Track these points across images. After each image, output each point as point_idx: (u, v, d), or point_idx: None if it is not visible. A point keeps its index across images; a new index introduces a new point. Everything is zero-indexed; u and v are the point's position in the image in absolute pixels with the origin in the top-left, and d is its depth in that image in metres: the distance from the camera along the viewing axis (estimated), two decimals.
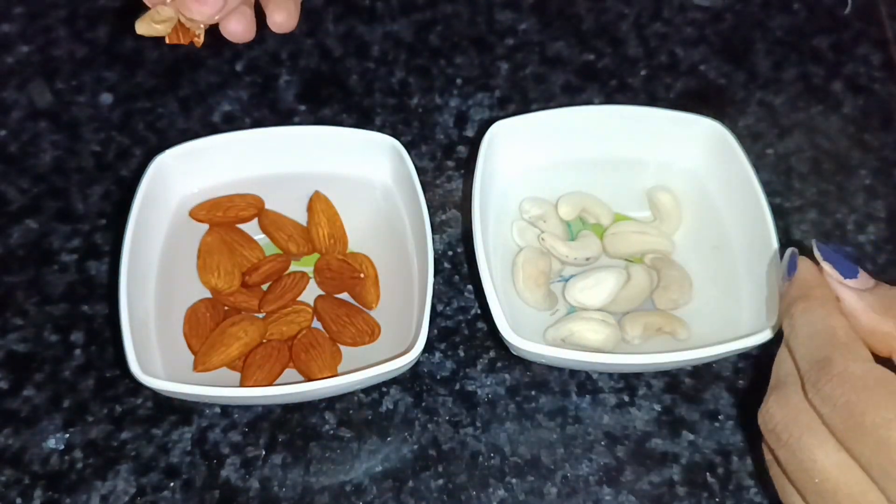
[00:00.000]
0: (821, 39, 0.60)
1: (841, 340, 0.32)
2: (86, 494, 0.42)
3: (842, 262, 0.35)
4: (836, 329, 0.32)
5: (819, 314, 0.33)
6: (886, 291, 0.34)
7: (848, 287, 0.34)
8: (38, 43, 0.58)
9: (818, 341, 0.32)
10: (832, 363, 0.31)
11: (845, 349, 0.31)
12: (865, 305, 0.33)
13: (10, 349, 0.46)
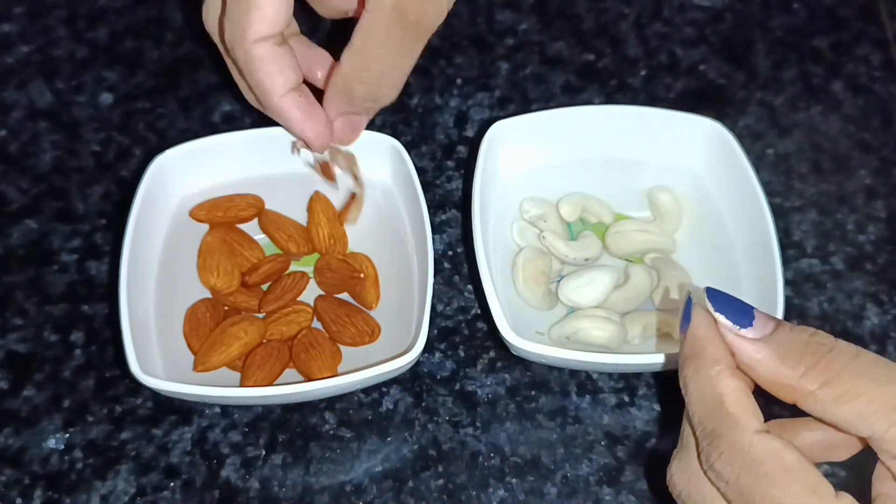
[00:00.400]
0: (821, 39, 0.60)
1: (728, 410, 0.30)
2: (86, 494, 0.42)
3: (735, 310, 0.31)
4: (723, 397, 0.30)
5: (707, 379, 0.31)
6: (786, 335, 0.31)
7: (744, 338, 0.31)
8: (38, 43, 0.58)
9: (707, 410, 0.30)
10: (720, 437, 0.29)
11: (732, 421, 0.29)
12: (764, 356, 0.30)
13: (10, 349, 0.46)
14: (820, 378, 0.29)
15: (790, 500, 0.28)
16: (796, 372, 0.29)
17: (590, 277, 0.47)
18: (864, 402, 0.28)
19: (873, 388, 0.28)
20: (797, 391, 0.30)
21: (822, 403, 0.29)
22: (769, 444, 0.28)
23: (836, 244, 0.51)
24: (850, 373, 0.28)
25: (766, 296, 0.44)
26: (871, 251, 0.51)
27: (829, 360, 0.29)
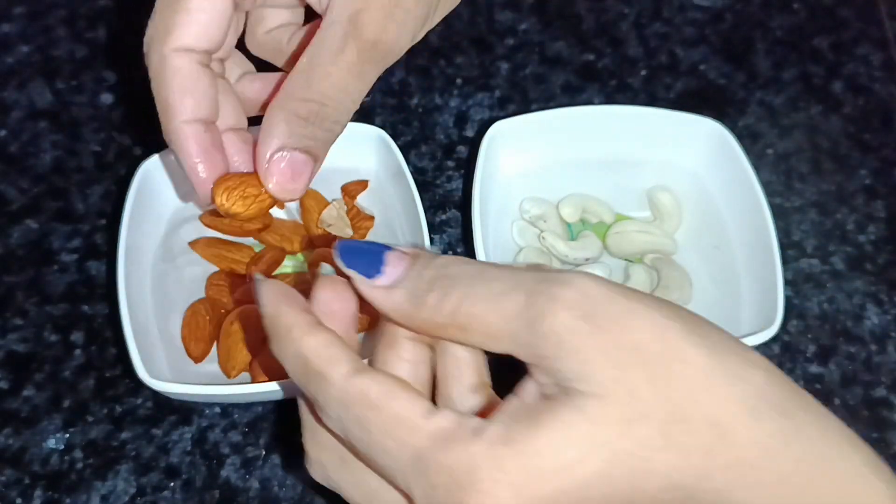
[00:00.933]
0: (821, 39, 0.60)
1: (314, 371, 0.28)
2: (86, 494, 0.42)
3: (365, 261, 0.29)
4: (306, 360, 0.28)
5: (289, 349, 0.28)
6: (413, 276, 0.29)
7: (376, 288, 0.29)
8: (38, 43, 0.58)
9: (301, 378, 0.28)
10: (318, 401, 0.28)
11: (319, 379, 0.28)
12: (393, 303, 0.29)
13: (10, 349, 0.46)
14: (446, 310, 0.27)
15: (375, 438, 0.27)
16: (424, 311, 0.28)
17: None
18: (484, 325, 0.27)
19: (489, 307, 0.27)
20: (429, 328, 0.28)
21: (453, 335, 0.28)
22: (356, 387, 0.27)
23: (836, 244, 0.51)
24: (469, 298, 0.27)
25: (766, 296, 0.44)
26: (871, 251, 0.51)
27: (450, 289, 0.27)
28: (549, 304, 0.26)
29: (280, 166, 0.35)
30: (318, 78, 0.35)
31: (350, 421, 0.27)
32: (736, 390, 0.26)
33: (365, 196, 0.49)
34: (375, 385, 0.27)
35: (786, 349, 0.47)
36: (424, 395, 0.28)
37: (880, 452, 0.44)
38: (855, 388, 0.46)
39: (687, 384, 0.25)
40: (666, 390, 0.25)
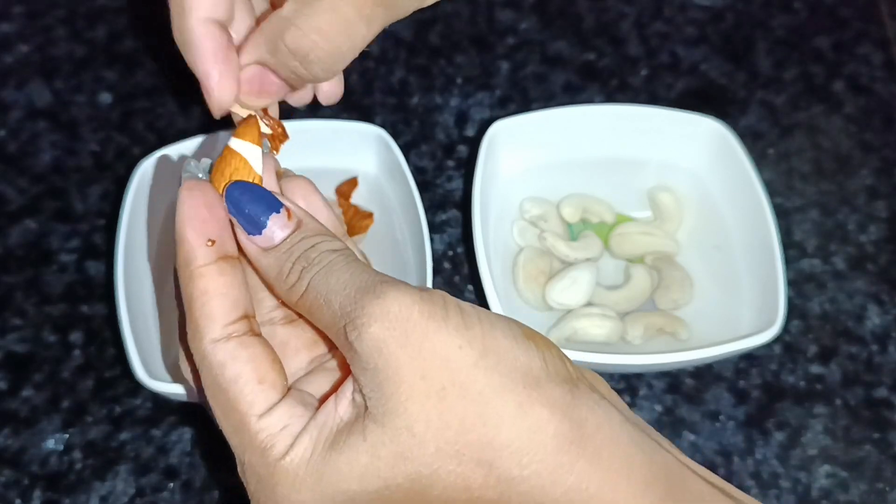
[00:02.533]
0: (822, 39, 0.60)
1: (193, 315, 0.29)
2: (85, 495, 0.42)
3: (246, 217, 0.30)
4: (192, 299, 0.30)
5: (182, 275, 0.30)
6: (284, 250, 0.30)
7: (252, 245, 0.30)
8: (38, 42, 0.58)
9: (184, 310, 0.30)
10: (191, 340, 0.30)
11: (194, 327, 0.29)
12: (262, 265, 0.30)
13: (9, 349, 0.46)
14: (298, 293, 0.29)
15: (219, 410, 0.29)
16: (284, 287, 0.30)
17: (571, 278, 0.47)
18: (320, 315, 0.29)
19: (322, 301, 0.28)
20: (289, 304, 0.30)
21: (305, 316, 0.30)
22: (216, 358, 0.29)
23: (837, 244, 0.51)
24: (313, 287, 0.29)
25: (767, 296, 0.44)
26: (873, 251, 0.51)
27: (304, 274, 0.29)
28: (358, 316, 0.27)
29: (249, 72, 0.34)
30: (321, 10, 0.31)
31: (204, 380, 0.29)
32: (513, 427, 0.26)
33: (365, 196, 0.49)
34: (232, 364, 0.29)
35: (787, 349, 0.47)
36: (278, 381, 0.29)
37: (881, 453, 0.44)
38: (856, 388, 0.46)
39: (465, 420, 0.26)
40: (443, 426, 0.26)
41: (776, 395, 0.46)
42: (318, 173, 0.49)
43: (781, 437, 0.45)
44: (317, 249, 0.30)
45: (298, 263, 0.29)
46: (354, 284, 0.28)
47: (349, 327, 0.27)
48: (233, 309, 0.30)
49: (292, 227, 0.30)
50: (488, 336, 0.27)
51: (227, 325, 0.29)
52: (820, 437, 0.45)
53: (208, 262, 0.30)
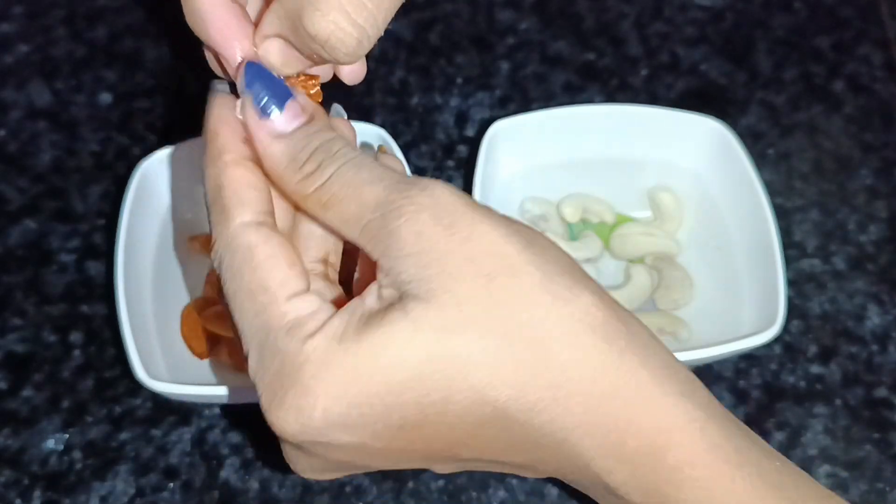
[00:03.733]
0: (822, 39, 0.59)
1: (223, 202, 0.28)
2: (85, 495, 0.42)
3: (262, 92, 0.29)
4: (221, 188, 0.28)
5: (214, 168, 0.29)
6: (301, 135, 0.29)
7: (263, 127, 0.29)
8: (38, 42, 0.58)
9: (210, 205, 0.29)
10: (216, 226, 0.29)
11: (224, 212, 0.28)
12: (273, 151, 0.28)
13: (9, 349, 0.46)
14: (315, 183, 0.28)
15: (242, 291, 0.28)
16: (297, 176, 0.28)
17: None
18: (343, 208, 0.27)
19: (351, 192, 0.27)
20: (295, 194, 0.29)
21: (313, 209, 0.29)
22: (247, 239, 0.28)
23: (837, 244, 0.51)
24: (338, 178, 0.28)
25: (767, 296, 0.44)
26: (873, 251, 0.51)
27: (326, 164, 0.28)
28: (403, 204, 0.26)
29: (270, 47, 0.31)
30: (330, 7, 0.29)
31: (228, 266, 0.28)
32: (562, 311, 0.26)
33: None
34: (264, 246, 0.27)
35: (787, 349, 0.47)
36: (303, 271, 0.28)
37: (881, 453, 0.44)
38: (856, 388, 0.46)
39: (514, 300, 0.26)
40: (492, 304, 0.26)
41: (776, 395, 0.46)
42: None
43: (781, 437, 0.45)
44: (337, 143, 0.28)
45: (318, 153, 0.28)
46: (392, 178, 0.27)
47: (393, 215, 0.26)
48: (265, 202, 0.29)
49: (305, 116, 0.29)
50: (531, 232, 0.28)
51: (261, 212, 0.28)
52: (820, 437, 0.45)
53: (244, 157, 0.29)
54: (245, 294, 0.28)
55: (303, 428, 0.27)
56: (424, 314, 0.25)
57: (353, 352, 0.26)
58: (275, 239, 0.28)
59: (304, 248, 0.31)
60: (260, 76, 0.29)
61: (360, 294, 0.27)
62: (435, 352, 0.25)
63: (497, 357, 0.26)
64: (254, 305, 0.27)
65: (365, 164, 0.28)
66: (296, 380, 0.26)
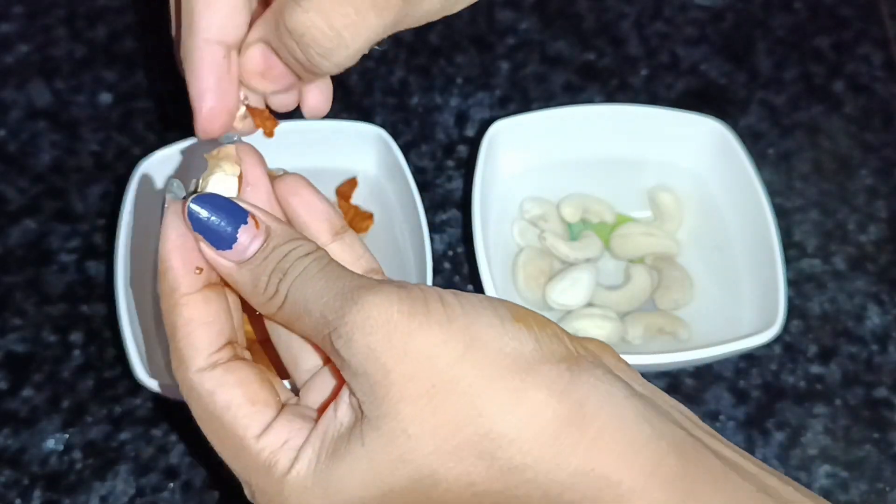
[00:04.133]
0: (822, 39, 0.59)
1: (176, 345, 0.29)
2: (85, 495, 0.42)
3: (214, 231, 0.29)
4: (175, 328, 0.29)
5: (167, 305, 0.29)
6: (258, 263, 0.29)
7: (223, 260, 0.29)
8: (38, 42, 0.58)
9: (168, 336, 0.30)
10: (174, 372, 0.30)
11: (178, 357, 0.29)
12: (236, 279, 0.29)
13: (9, 349, 0.46)
14: (276, 305, 0.29)
15: (214, 437, 0.29)
16: (261, 299, 0.29)
17: (572, 279, 0.47)
18: (302, 325, 0.28)
19: (302, 310, 0.28)
20: (268, 316, 0.30)
21: (281, 325, 0.30)
22: (204, 388, 0.29)
23: (837, 244, 0.51)
24: (291, 297, 0.28)
25: (767, 296, 0.44)
26: (873, 251, 0.51)
27: (282, 285, 0.28)
28: (338, 326, 0.27)
29: (252, 50, 0.32)
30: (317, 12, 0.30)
31: (196, 413, 0.29)
32: (508, 417, 0.26)
33: (365, 196, 0.49)
34: (221, 393, 0.29)
35: (787, 349, 0.47)
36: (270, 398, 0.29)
37: (881, 453, 0.44)
38: (856, 388, 0.46)
39: (458, 416, 0.26)
40: (437, 424, 0.26)
41: (776, 395, 0.46)
42: (318, 173, 0.49)
43: (781, 437, 0.45)
44: (289, 259, 0.29)
45: (275, 275, 0.29)
46: (332, 291, 0.28)
47: (333, 336, 0.27)
48: (218, 337, 0.29)
49: (262, 235, 0.29)
50: (472, 326, 0.27)
51: (212, 353, 0.29)
52: (820, 437, 0.45)
53: (194, 291, 0.29)
54: (218, 440, 0.29)
55: None
56: (377, 444, 0.27)
57: (325, 483, 0.27)
58: (231, 378, 0.29)
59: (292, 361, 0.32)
60: (208, 206, 0.29)
61: (336, 398, 0.28)
62: (392, 481, 0.27)
63: (452, 472, 0.26)
64: (228, 449, 0.29)
65: (309, 276, 0.28)
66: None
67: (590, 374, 0.27)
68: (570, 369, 0.27)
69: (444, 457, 0.26)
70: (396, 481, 0.27)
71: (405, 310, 0.27)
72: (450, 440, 0.26)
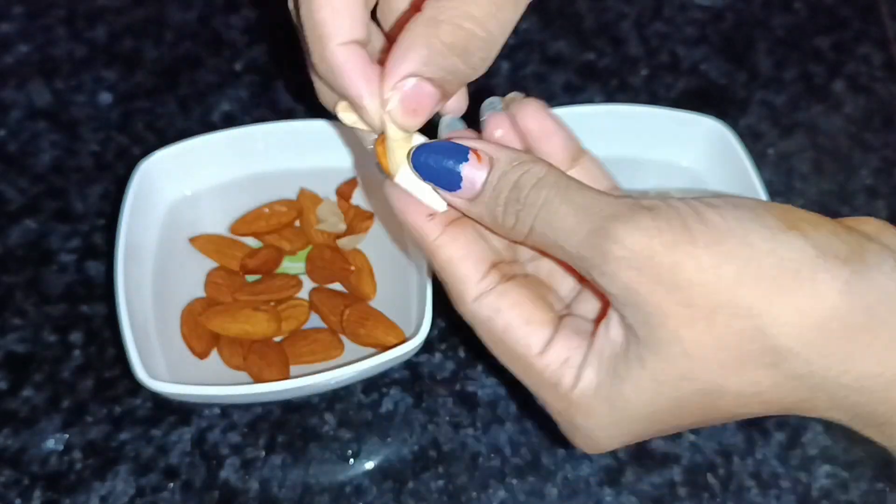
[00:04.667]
0: (822, 39, 0.60)
1: (447, 284, 0.32)
2: (85, 495, 0.42)
3: (443, 178, 0.30)
4: (441, 270, 0.32)
5: (426, 253, 0.32)
6: (496, 193, 0.30)
7: (458, 200, 0.30)
8: (37, 42, 0.58)
9: (441, 277, 0.32)
10: (455, 307, 0.32)
11: (455, 292, 0.32)
12: (476, 216, 0.31)
13: (9, 349, 0.46)
14: (521, 234, 0.30)
15: (504, 358, 0.32)
16: (503, 229, 0.30)
17: None
18: (555, 253, 0.29)
19: (553, 241, 0.29)
20: (512, 240, 0.31)
21: (532, 249, 0.32)
22: (482, 314, 0.31)
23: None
24: (538, 228, 0.29)
25: None
26: None
27: (523, 217, 0.29)
28: (601, 266, 0.27)
29: (405, 91, 0.31)
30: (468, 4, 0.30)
31: (482, 337, 0.32)
32: (788, 331, 0.26)
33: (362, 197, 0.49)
34: (497, 319, 0.31)
35: None
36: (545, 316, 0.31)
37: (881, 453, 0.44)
38: None
39: (738, 334, 0.26)
40: (717, 344, 0.27)
41: None
42: (318, 173, 0.49)
43: (781, 437, 0.45)
44: (523, 188, 0.29)
45: (510, 207, 0.29)
46: (583, 227, 0.28)
47: (595, 273, 0.28)
48: (478, 266, 0.31)
49: (487, 166, 0.30)
50: (744, 245, 0.26)
51: (479, 282, 0.31)
52: (820, 437, 0.45)
53: (439, 234, 0.31)
54: (508, 360, 0.32)
55: (595, 452, 0.32)
56: (659, 366, 0.28)
57: (609, 401, 0.29)
58: (504, 302, 0.31)
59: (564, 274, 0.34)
60: (428, 154, 0.31)
61: (605, 316, 0.30)
62: (678, 396, 0.28)
63: (739, 384, 0.27)
64: (519, 368, 0.31)
65: (552, 209, 0.29)
66: (575, 428, 0.31)
67: (877, 272, 0.26)
68: (854, 271, 0.26)
69: (728, 372, 0.27)
70: (682, 395, 0.28)
71: (667, 240, 0.27)
72: (734, 357, 0.27)
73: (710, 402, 0.28)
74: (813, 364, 0.26)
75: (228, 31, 0.58)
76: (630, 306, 0.27)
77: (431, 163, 0.30)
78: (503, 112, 0.33)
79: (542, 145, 0.33)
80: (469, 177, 0.30)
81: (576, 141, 0.34)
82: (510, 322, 0.30)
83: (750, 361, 0.27)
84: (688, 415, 0.29)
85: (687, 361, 0.27)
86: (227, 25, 0.59)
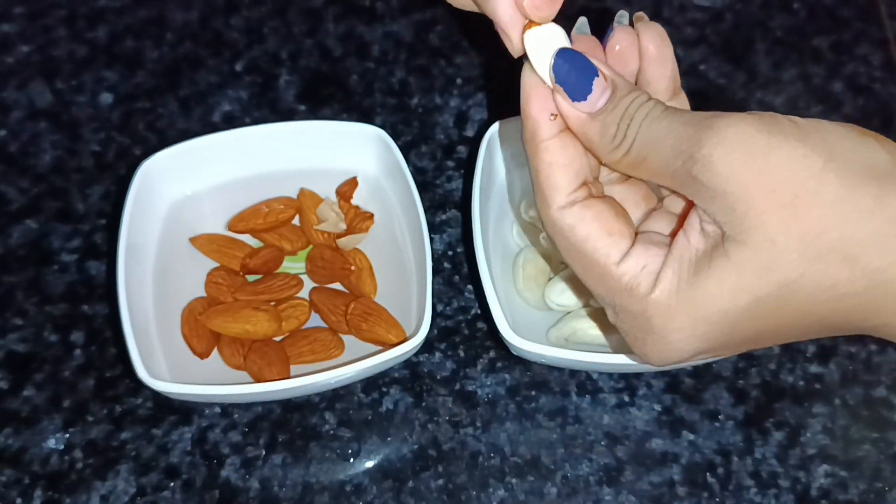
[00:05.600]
0: (821, 39, 0.60)
1: (539, 186, 0.33)
2: (86, 494, 0.42)
3: (573, 83, 0.32)
4: (538, 171, 0.33)
5: (531, 149, 0.33)
6: (613, 110, 0.32)
7: (575, 110, 0.32)
8: (38, 43, 0.58)
9: (532, 181, 0.33)
10: (539, 209, 0.33)
11: (541, 196, 0.33)
12: (586, 130, 0.32)
13: (10, 349, 0.46)
14: (623, 150, 0.31)
15: (578, 266, 0.33)
16: (608, 148, 0.32)
17: None
18: (649, 165, 0.31)
19: (651, 150, 0.31)
20: (607, 161, 0.32)
21: (625, 170, 0.32)
22: (565, 223, 0.32)
23: None
24: (640, 140, 0.31)
25: None
26: None
27: (629, 131, 0.31)
28: (694, 153, 0.29)
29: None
30: None
31: (560, 246, 0.33)
32: (869, 223, 0.28)
33: (365, 196, 0.49)
34: (580, 227, 0.32)
35: (786, 349, 0.47)
36: (624, 229, 0.32)
37: (880, 452, 0.44)
38: (855, 387, 0.46)
39: (821, 223, 0.28)
40: (802, 233, 0.28)
41: (775, 394, 0.46)
42: (318, 174, 0.50)
43: (780, 437, 0.45)
44: (634, 106, 0.31)
45: (622, 123, 0.31)
46: (682, 124, 0.30)
47: (689, 162, 0.29)
48: (575, 178, 0.32)
49: (611, 88, 0.32)
50: (828, 141, 0.28)
51: (571, 192, 0.32)
52: (819, 437, 0.45)
53: (552, 136, 0.32)
54: (582, 269, 0.32)
55: (665, 361, 0.32)
56: (744, 257, 0.29)
57: (690, 299, 0.30)
58: (589, 213, 0.32)
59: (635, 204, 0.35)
60: (568, 61, 0.32)
61: (683, 227, 0.31)
62: (760, 288, 0.29)
63: (812, 280, 0.28)
64: (593, 276, 0.32)
65: (655, 116, 0.31)
66: (649, 330, 0.31)
67: None
68: None
69: (809, 261, 0.28)
70: (763, 287, 0.29)
71: (763, 128, 0.28)
72: (815, 245, 0.28)
73: (787, 299, 0.29)
74: (887, 257, 0.27)
75: (228, 31, 0.58)
76: (719, 196, 0.28)
77: (570, 68, 0.32)
78: (628, 27, 0.36)
79: (654, 68, 0.35)
80: (596, 93, 0.32)
81: (679, 77, 0.36)
82: (591, 232, 0.32)
83: (830, 251, 0.28)
84: (763, 318, 0.29)
85: (771, 248, 0.28)
86: (227, 25, 0.59)
